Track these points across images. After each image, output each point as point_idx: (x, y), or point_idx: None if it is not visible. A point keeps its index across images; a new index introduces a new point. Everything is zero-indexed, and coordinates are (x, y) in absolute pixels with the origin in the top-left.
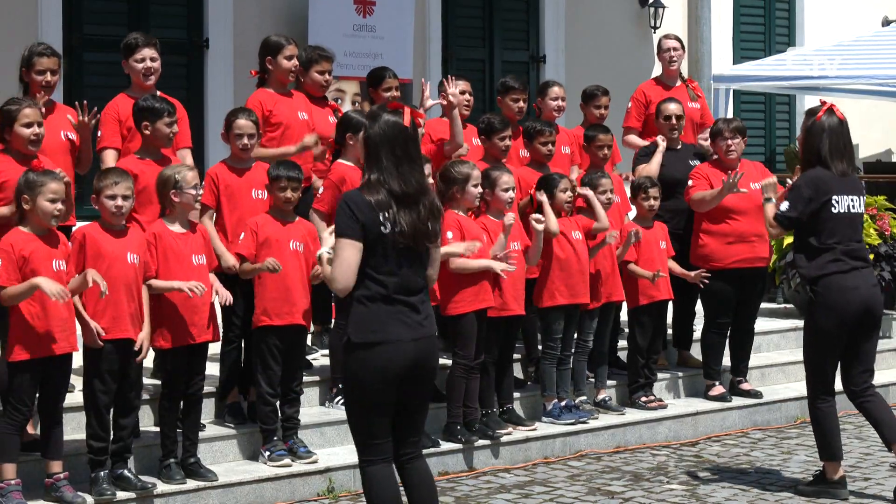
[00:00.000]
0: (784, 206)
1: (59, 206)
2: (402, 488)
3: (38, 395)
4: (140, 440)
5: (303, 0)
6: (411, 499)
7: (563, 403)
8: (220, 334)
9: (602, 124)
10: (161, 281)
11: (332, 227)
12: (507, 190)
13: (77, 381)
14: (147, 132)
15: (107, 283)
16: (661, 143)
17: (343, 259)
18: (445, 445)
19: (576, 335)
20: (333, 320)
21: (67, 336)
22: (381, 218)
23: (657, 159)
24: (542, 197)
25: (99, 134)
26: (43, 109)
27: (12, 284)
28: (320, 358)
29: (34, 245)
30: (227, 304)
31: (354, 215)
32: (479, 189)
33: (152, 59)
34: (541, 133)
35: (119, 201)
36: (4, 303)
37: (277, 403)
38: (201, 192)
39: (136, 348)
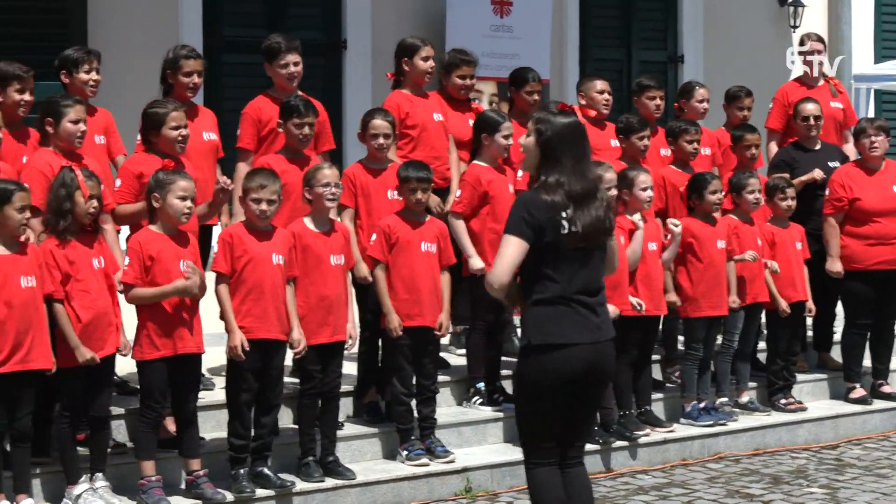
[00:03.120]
0: None
1: (189, 203)
2: None
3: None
4: (279, 438)
5: (440, 1)
6: None
7: (702, 405)
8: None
9: (748, 124)
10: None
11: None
12: (644, 189)
13: (219, 380)
14: (281, 130)
15: (252, 283)
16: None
17: (505, 255)
18: None
19: (720, 337)
20: (472, 321)
21: (194, 336)
22: (560, 219)
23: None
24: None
25: (238, 133)
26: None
27: (137, 283)
28: (458, 358)
29: (162, 244)
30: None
31: (531, 215)
32: (614, 192)
33: (295, 64)
34: (685, 132)
35: (263, 205)
36: (130, 301)
37: (413, 403)
38: (337, 190)
39: (294, 348)
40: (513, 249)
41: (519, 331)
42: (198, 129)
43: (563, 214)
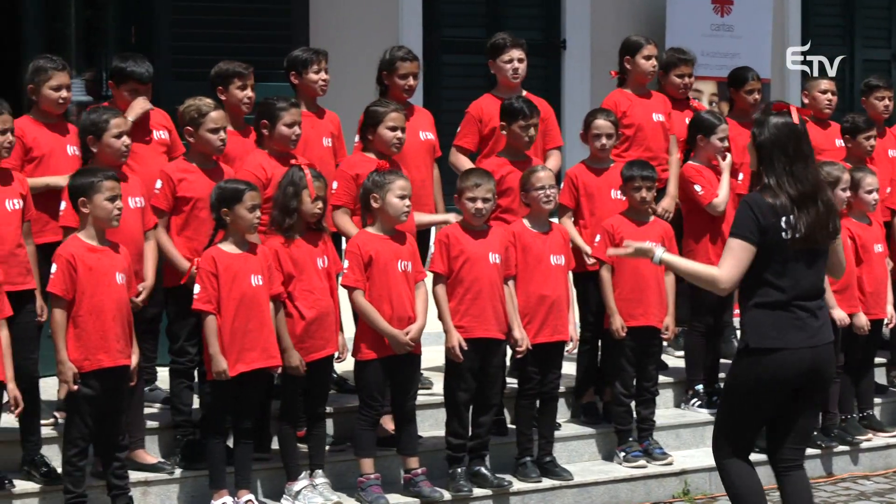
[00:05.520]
0: None
1: (408, 202)
2: None
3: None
4: (496, 438)
5: (661, 0)
6: None
7: None
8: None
9: None
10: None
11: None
12: (870, 192)
13: (437, 379)
14: (504, 133)
15: (469, 282)
16: None
17: (736, 259)
18: None
19: None
20: (691, 322)
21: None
22: (781, 223)
23: None
24: None
25: (458, 131)
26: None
27: (359, 286)
28: (676, 360)
29: (380, 245)
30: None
31: (756, 218)
32: (848, 193)
33: (520, 60)
34: None
35: (479, 204)
36: (355, 306)
37: (632, 404)
38: (552, 192)
39: (520, 347)
40: (741, 252)
41: (738, 332)
42: (414, 129)
43: (785, 219)
